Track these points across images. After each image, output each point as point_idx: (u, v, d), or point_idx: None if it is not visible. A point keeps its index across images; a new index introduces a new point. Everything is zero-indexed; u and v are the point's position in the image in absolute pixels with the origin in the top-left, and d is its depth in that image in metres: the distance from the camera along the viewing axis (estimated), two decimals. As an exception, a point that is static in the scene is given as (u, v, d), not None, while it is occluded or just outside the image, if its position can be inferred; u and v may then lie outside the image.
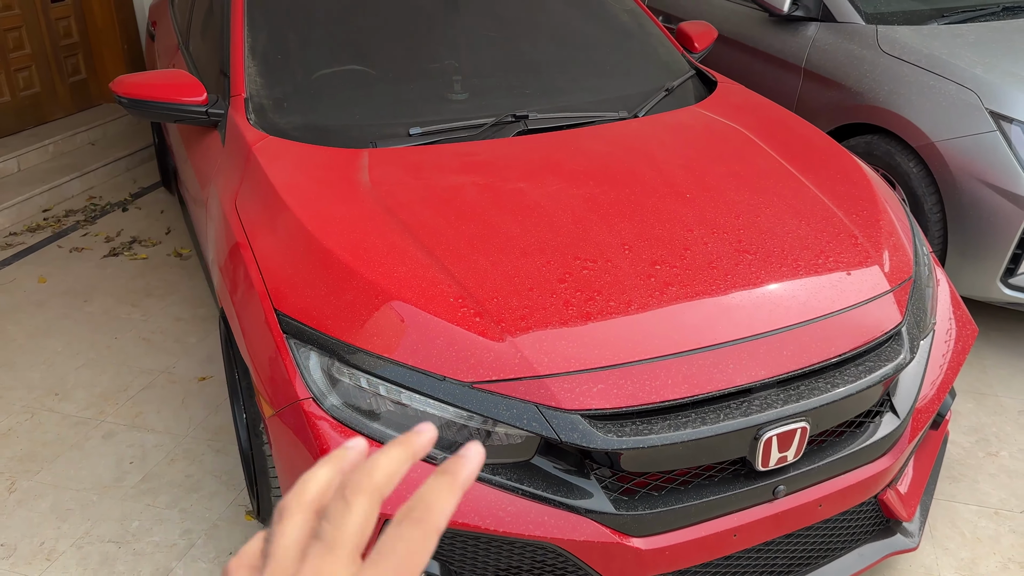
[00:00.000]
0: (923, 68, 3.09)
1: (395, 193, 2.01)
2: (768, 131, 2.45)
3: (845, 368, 1.77)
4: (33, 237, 4.10)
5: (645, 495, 1.64)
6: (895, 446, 1.87)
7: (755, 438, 1.64)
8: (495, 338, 1.63)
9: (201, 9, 3.15)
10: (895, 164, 3.14)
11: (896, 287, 1.93)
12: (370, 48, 2.64)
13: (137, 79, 2.46)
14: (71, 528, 2.25)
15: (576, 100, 2.59)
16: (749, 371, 1.67)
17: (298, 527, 0.39)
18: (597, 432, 1.56)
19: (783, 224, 2.00)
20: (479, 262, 1.78)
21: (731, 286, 1.79)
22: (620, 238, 1.88)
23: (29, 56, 5.01)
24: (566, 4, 2.99)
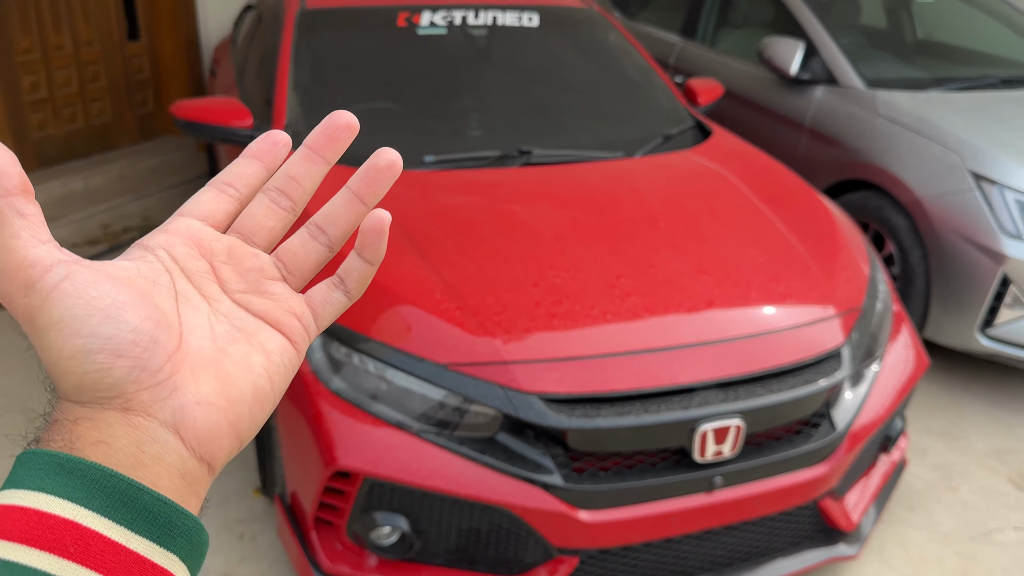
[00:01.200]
0: (913, 130, 3.32)
1: (403, 208, 2.30)
2: (748, 175, 2.69)
3: (783, 378, 1.97)
4: (91, 249, 4.49)
5: (592, 473, 1.85)
6: (831, 456, 2.05)
7: (692, 430, 1.85)
8: (471, 329, 1.88)
9: (257, 51, 3.54)
10: (886, 218, 3.35)
11: (842, 314, 2.14)
12: (398, 88, 2.97)
13: (194, 103, 2.82)
14: (100, 491, 2.53)
15: (579, 140, 2.87)
16: (692, 372, 1.89)
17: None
18: (550, 412, 1.79)
19: (744, 252, 2.24)
20: (466, 267, 2.05)
21: (686, 300, 2.02)
22: (593, 254, 2.14)
23: (104, 88, 5.50)
24: (580, 57, 3.30)
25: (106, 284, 0.36)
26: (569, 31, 3.36)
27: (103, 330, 0.35)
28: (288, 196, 0.44)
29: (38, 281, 0.35)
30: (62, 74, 5.21)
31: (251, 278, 0.42)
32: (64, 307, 0.35)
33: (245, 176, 0.44)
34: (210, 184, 0.44)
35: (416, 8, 3.16)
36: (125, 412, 0.36)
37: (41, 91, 5.09)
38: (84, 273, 0.36)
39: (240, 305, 0.42)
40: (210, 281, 0.41)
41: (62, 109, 5.24)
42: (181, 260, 0.41)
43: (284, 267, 0.43)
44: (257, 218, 0.43)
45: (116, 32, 5.50)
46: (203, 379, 0.38)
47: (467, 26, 3.17)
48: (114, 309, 0.36)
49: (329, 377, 1.91)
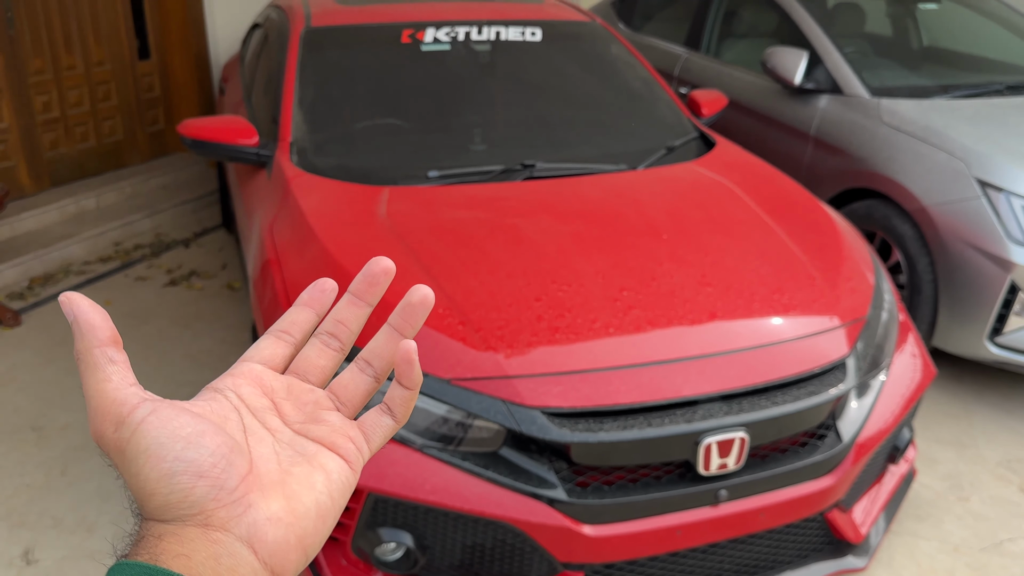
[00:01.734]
0: (918, 138, 3.31)
1: (407, 223, 2.31)
2: (752, 185, 2.70)
3: (788, 390, 1.97)
4: (104, 266, 4.54)
5: (596, 487, 1.85)
6: (837, 468, 2.04)
7: (696, 443, 1.85)
8: (473, 344, 1.89)
9: (264, 69, 3.58)
10: (892, 227, 3.34)
11: (846, 324, 2.13)
12: (403, 104, 3.00)
13: (201, 123, 2.85)
14: (111, 507, 2.55)
15: (582, 153, 2.88)
16: (695, 385, 1.89)
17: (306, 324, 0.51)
18: (553, 426, 1.80)
19: (747, 264, 2.24)
20: (469, 281, 2.06)
21: (689, 312, 2.03)
22: (595, 267, 2.14)
23: (115, 107, 5.56)
24: (583, 70, 3.32)
25: (186, 416, 0.42)
26: (572, 45, 3.38)
27: (186, 455, 0.40)
28: (337, 338, 0.50)
29: (127, 417, 0.41)
30: (74, 94, 5.28)
31: (308, 410, 0.48)
32: (151, 437, 0.40)
33: (299, 323, 0.50)
34: (269, 332, 0.50)
35: (420, 25, 3.19)
36: (204, 528, 0.40)
37: (53, 111, 5.15)
38: (166, 409, 0.42)
39: (300, 434, 0.47)
40: (273, 416, 0.47)
41: (74, 128, 5.30)
42: (247, 399, 0.46)
43: (337, 399, 0.49)
44: (311, 359, 0.49)
45: (127, 52, 5.56)
46: (272, 498, 0.43)
47: (470, 42, 3.19)
48: (195, 436, 0.41)
49: None
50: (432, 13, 3.30)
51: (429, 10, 3.34)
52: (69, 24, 5.14)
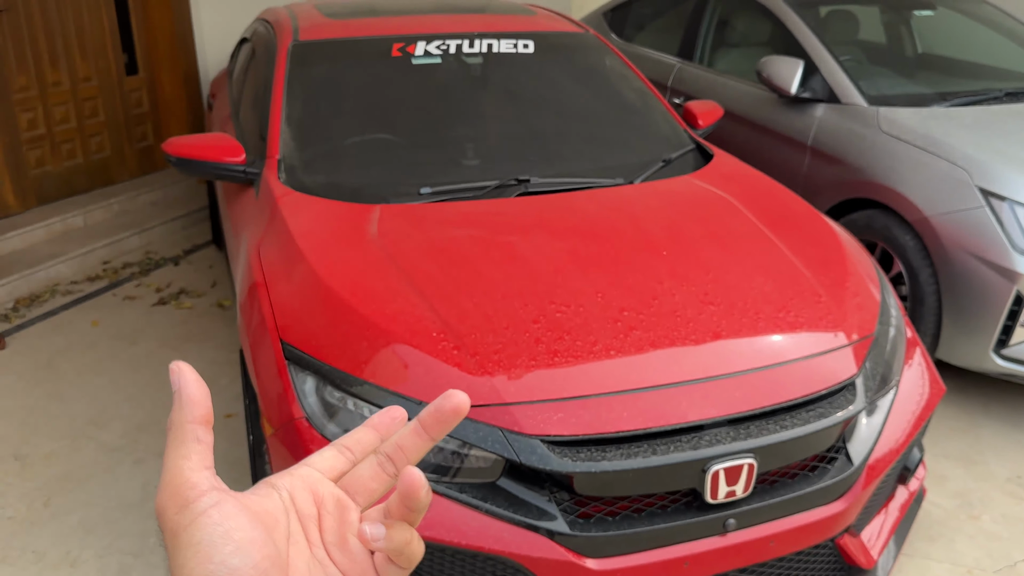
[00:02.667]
0: (918, 147, 3.25)
1: (398, 243, 2.24)
2: (752, 198, 2.63)
3: (796, 412, 1.90)
4: (91, 285, 4.45)
5: (600, 519, 1.78)
6: (848, 492, 1.97)
7: (703, 470, 1.78)
8: (469, 369, 1.82)
9: (251, 84, 3.51)
10: (893, 237, 3.28)
11: (855, 342, 2.07)
12: (393, 119, 2.93)
13: (186, 141, 2.77)
14: (95, 540, 2.46)
15: (577, 167, 2.82)
16: (701, 409, 1.82)
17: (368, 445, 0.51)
18: (553, 456, 1.72)
19: (750, 281, 2.17)
20: (463, 303, 1.99)
21: (692, 332, 1.96)
22: (594, 287, 2.07)
23: (103, 123, 5.48)
24: (577, 83, 3.26)
25: (244, 518, 0.43)
26: (565, 57, 3.32)
27: (231, 561, 0.41)
28: (394, 464, 0.49)
29: (193, 502, 0.42)
30: (60, 110, 5.20)
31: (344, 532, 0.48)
32: (206, 531, 0.41)
33: (363, 444, 0.51)
34: (334, 444, 0.51)
35: (411, 38, 3.13)
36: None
37: (39, 128, 5.07)
38: (230, 505, 0.43)
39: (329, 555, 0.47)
40: (315, 527, 0.47)
41: (60, 145, 5.22)
42: (299, 503, 0.47)
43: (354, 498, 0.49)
44: (364, 480, 0.49)
45: (114, 67, 5.49)
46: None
47: (462, 55, 3.13)
48: (245, 543, 0.42)
49: (323, 424, 1.84)
50: (423, 26, 3.24)
51: (419, 23, 3.28)
52: (54, 39, 5.06)
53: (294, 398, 1.89)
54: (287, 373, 1.92)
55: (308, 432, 1.83)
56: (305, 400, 1.88)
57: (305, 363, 1.91)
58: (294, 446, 1.86)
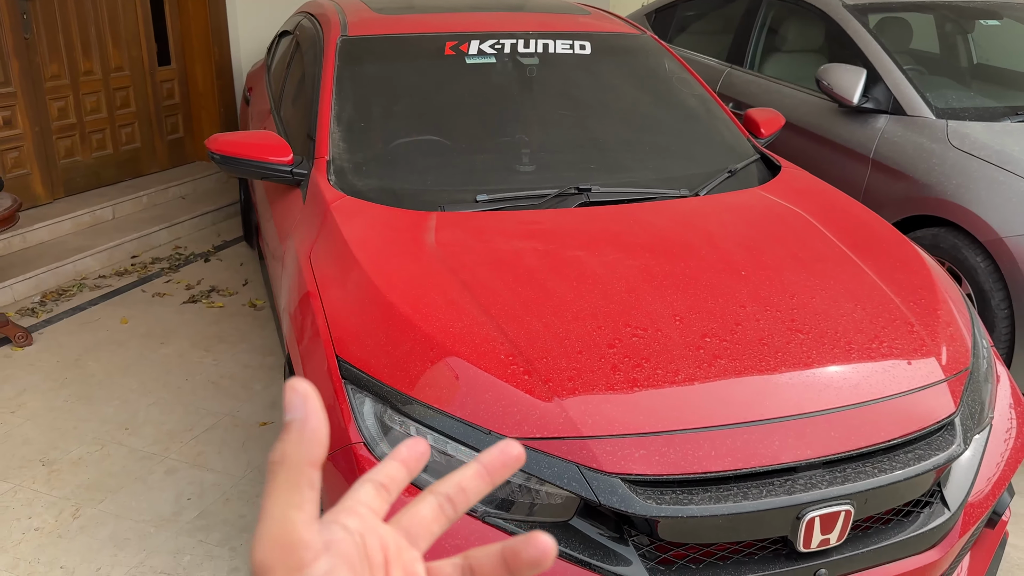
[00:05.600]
0: (993, 164, 3.09)
1: (458, 254, 2.10)
2: (829, 216, 2.48)
3: (894, 454, 1.75)
4: (120, 280, 4.34)
5: (682, 567, 1.64)
6: (945, 539, 1.82)
7: (797, 517, 1.63)
8: (542, 397, 1.68)
9: (294, 79, 3.38)
10: (962, 258, 3.12)
11: (951, 377, 1.91)
12: (446, 121, 2.79)
13: (231, 138, 2.65)
14: (127, 557, 2.34)
15: (639, 177, 2.67)
16: (795, 450, 1.67)
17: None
18: (636, 497, 1.58)
19: (838, 307, 2.02)
20: (532, 324, 1.85)
21: (781, 364, 1.81)
22: (672, 309, 1.93)
23: (133, 114, 5.38)
24: (635, 87, 3.11)
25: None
26: (623, 59, 3.17)
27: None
28: (454, 506, 0.46)
29: (307, 567, 0.36)
30: (91, 100, 5.11)
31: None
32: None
33: (397, 481, 0.46)
34: (369, 480, 0.45)
35: (464, 36, 2.99)
36: None
37: (69, 117, 4.98)
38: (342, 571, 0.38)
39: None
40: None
41: (90, 135, 5.12)
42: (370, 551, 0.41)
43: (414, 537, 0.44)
44: (425, 521, 0.45)
45: (146, 57, 5.39)
46: None
47: (517, 54, 2.99)
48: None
49: (379, 445, 1.71)
50: (476, 24, 3.10)
51: (472, 21, 3.14)
52: (87, 28, 4.96)
53: (351, 420, 1.75)
54: (344, 393, 1.79)
55: (366, 458, 1.70)
56: (363, 423, 1.74)
57: (364, 383, 1.78)
58: (350, 472, 1.72)
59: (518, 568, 0.42)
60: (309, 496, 0.37)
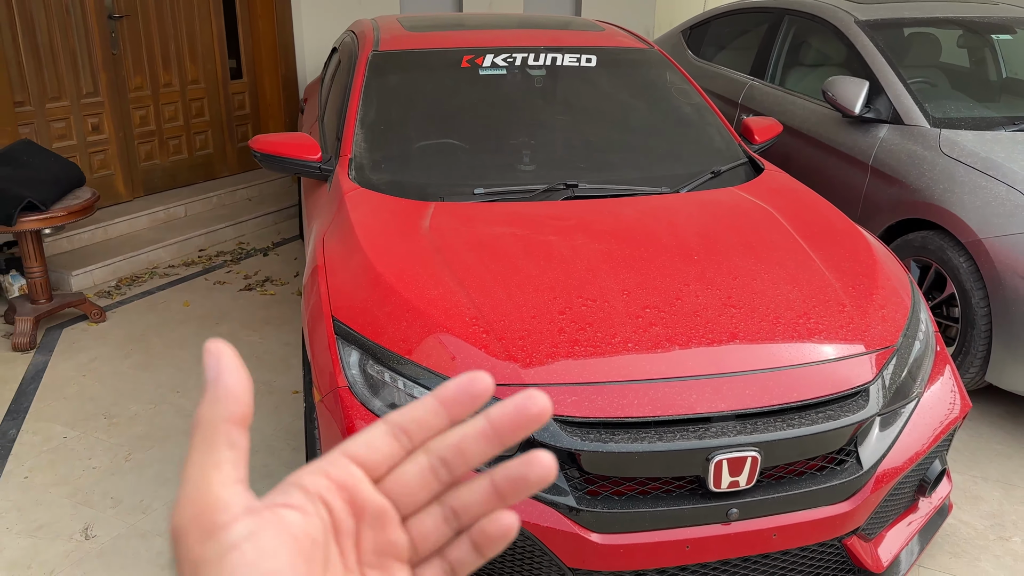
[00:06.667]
0: (977, 169, 3.26)
1: (446, 237, 2.43)
2: (792, 212, 2.72)
3: (805, 413, 1.99)
4: (187, 270, 4.83)
5: (607, 497, 1.92)
6: (856, 494, 2.05)
7: (707, 459, 1.89)
8: (494, 352, 1.99)
9: (336, 89, 3.78)
10: (947, 259, 3.29)
11: (873, 351, 2.14)
12: (454, 124, 3.14)
13: (271, 138, 3.05)
14: (167, 492, 2.74)
15: (626, 175, 2.96)
16: (709, 402, 1.94)
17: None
18: (564, 434, 1.87)
19: (777, 288, 2.27)
20: (498, 293, 2.16)
21: (709, 332, 2.07)
22: (622, 285, 2.21)
23: (207, 123, 5.91)
24: (636, 97, 3.39)
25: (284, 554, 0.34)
26: (626, 71, 3.46)
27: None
28: (450, 471, 0.40)
29: (221, 531, 0.34)
30: (169, 109, 5.65)
31: (383, 552, 0.39)
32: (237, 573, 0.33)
33: (425, 426, 0.40)
34: (385, 421, 0.40)
35: (480, 51, 3.33)
36: None
37: (150, 124, 5.52)
38: (268, 536, 0.34)
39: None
40: (351, 546, 0.39)
41: (168, 141, 5.66)
42: (335, 514, 0.38)
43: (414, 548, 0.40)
44: (412, 488, 0.39)
45: (220, 72, 5.92)
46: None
47: (527, 67, 3.31)
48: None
49: (367, 396, 2.04)
50: (493, 40, 3.44)
51: (492, 37, 3.48)
52: (167, 45, 5.51)
53: (339, 369, 2.10)
54: (335, 346, 2.14)
55: (349, 399, 2.04)
56: (349, 371, 2.08)
57: (352, 338, 2.12)
58: (336, 411, 2.06)
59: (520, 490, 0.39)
60: (228, 455, 0.35)
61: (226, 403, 0.36)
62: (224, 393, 0.36)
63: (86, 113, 5.06)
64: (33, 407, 3.27)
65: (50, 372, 3.56)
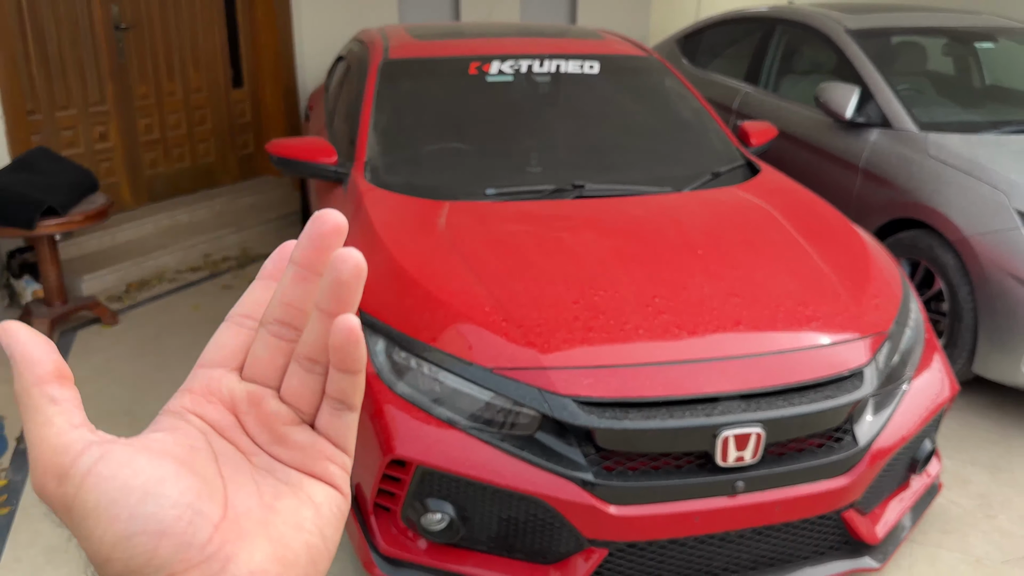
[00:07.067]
0: (963, 171, 3.42)
1: (462, 234, 2.56)
2: (789, 208, 2.86)
3: (805, 393, 2.13)
4: (194, 275, 4.93)
5: (621, 471, 2.04)
6: (852, 469, 2.18)
7: (714, 436, 2.03)
8: (514, 339, 2.12)
9: (345, 95, 3.91)
10: (935, 256, 3.44)
11: (867, 337, 2.28)
12: (465, 129, 3.27)
13: (287, 142, 3.17)
14: (192, 482, 2.85)
15: (631, 176, 3.10)
16: (716, 383, 2.07)
17: None
18: (582, 413, 2.00)
19: (776, 279, 2.41)
20: (514, 285, 2.29)
21: (715, 319, 2.21)
22: (632, 276, 2.35)
23: (210, 131, 6.03)
24: (636, 102, 3.54)
25: (142, 459, 0.35)
26: (628, 77, 3.61)
27: (142, 509, 0.34)
28: (292, 327, 0.39)
29: (71, 468, 0.35)
30: (173, 118, 5.76)
31: (272, 426, 0.40)
32: (100, 491, 0.34)
33: (262, 303, 0.41)
34: (228, 319, 0.42)
35: (487, 58, 3.47)
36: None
37: (154, 133, 5.63)
38: (118, 452, 0.35)
39: (274, 458, 0.40)
40: (241, 435, 0.40)
41: (172, 149, 5.77)
42: (211, 419, 0.39)
43: (298, 410, 0.40)
44: (263, 360, 0.40)
45: (222, 80, 6.04)
46: (255, 545, 0.36)
47: (532, 74, 3.45)
48: (152, 484, 0.34)
49: (393, 381, 2.16)
50: (499, 48, 3.58)
51: (497, 45, 3.62)
52: (172, 54, 5.63)
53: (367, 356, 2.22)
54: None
55: (378, 384, 2.16)
56: (376, 358, 2.21)
57: (377, 328, 2.24)
58: (365, 397, 2.18)
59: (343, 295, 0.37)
60: (53, 410, 0.36)
61: (29, 368, 0.36)
62: (24, 360, 0.36)
63: (93, 122, 5.16)
64: (55, 404, 3.37)
65: (68, 371, 3.66)
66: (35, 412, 0.36)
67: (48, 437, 0.35)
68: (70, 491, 0.35)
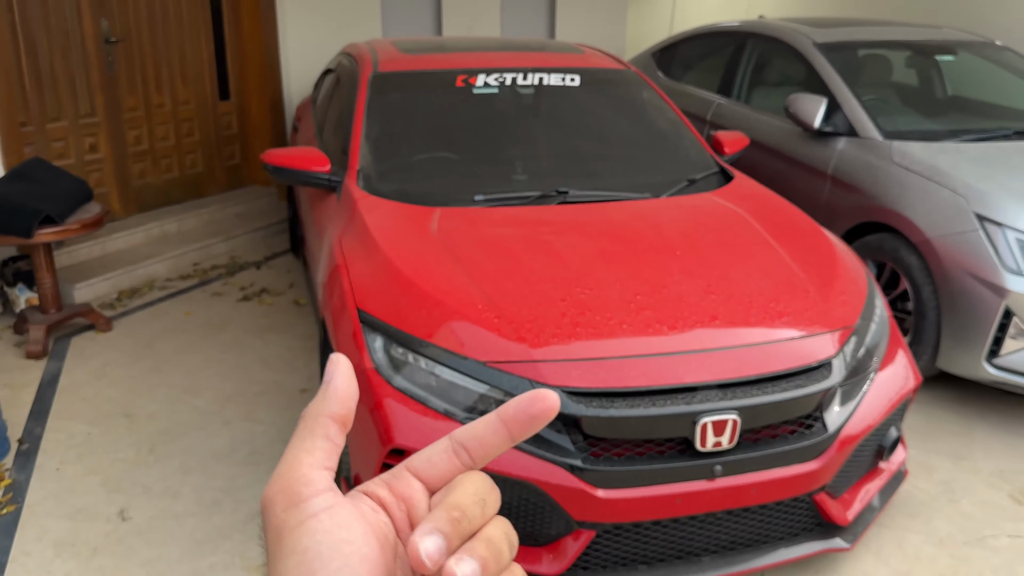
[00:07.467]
0: (925, 176, 3.61)
1: (454, 237, 2.70)
2: (761, 213, 3.03)
3: (778, 383, 2.29)
4: (184, 283, 5.03)
5: (607, 457, 2.19)
6: (823, 454, 2.34)
7: (693, 422, 2.17)
8: (506, 334, 2.26)
9: (335, 107, 4.04)
10: (900, 258, 3.62)
11: (835, 330, 2.44)
12: (453, 138, 3.42)
13: (282, 152, 3.29)
14: (192, 480, 2.95)
15: (612, 183, 3.25)
16: (695, 374, 2.22)
17: None
18: (570, 402, 2.14)
19: (749, 277, 2.57)
20: (504, 284, 2.43)
21: (693, 314, 2.36)
22: (615, 276, 2.50)
23: (197, 143, 6.13)
24: (615, 112, 3.70)
25: (357, 529, 0.38)
26: (607, 90, 3.77)
27: None
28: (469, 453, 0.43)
29: (304, 501, 0.38)
30: (161, 129, 5.85)
31: None
32: (314, 539, 0.37)
33: (486, 445, 0.43)
34: (451, 437, 0.44)
35: (473, 71, 3.62)
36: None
37: (143, 144, 5.73)
38: (344, 511, 0.38)
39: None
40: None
41: (160, 160, 5.87)
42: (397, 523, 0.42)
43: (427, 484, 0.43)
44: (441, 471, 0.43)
45: (209, 93, 6.14)
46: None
47: (516, 86, 3.61)
48: (354, 560, 0.37)
49: (391, 375, 2.29)
50: (484, 61, 3.73)
51: (481, 59, 3.77)
52: (160, 67, 5.73)
53: (366, 353, 2.35)
54: (361, 334, 2.39)
55: (377, 379, 2.29)
56: (375, 355, 2.33)
57: (376, 326, 2.37)
58: (365, 391, 2.31)
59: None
60: (321, 444, 0.39)
61: (332, 401, 0.41)
62: (333, 393, 0.41)
63: (84, 133, 5.25)
64: (54, 408, 3.46)
65: (65, 376, 3.75)
66: (308, 436, 0.40)
67: (302, 463, 0.39)
68: (291, 522, 0.38)
